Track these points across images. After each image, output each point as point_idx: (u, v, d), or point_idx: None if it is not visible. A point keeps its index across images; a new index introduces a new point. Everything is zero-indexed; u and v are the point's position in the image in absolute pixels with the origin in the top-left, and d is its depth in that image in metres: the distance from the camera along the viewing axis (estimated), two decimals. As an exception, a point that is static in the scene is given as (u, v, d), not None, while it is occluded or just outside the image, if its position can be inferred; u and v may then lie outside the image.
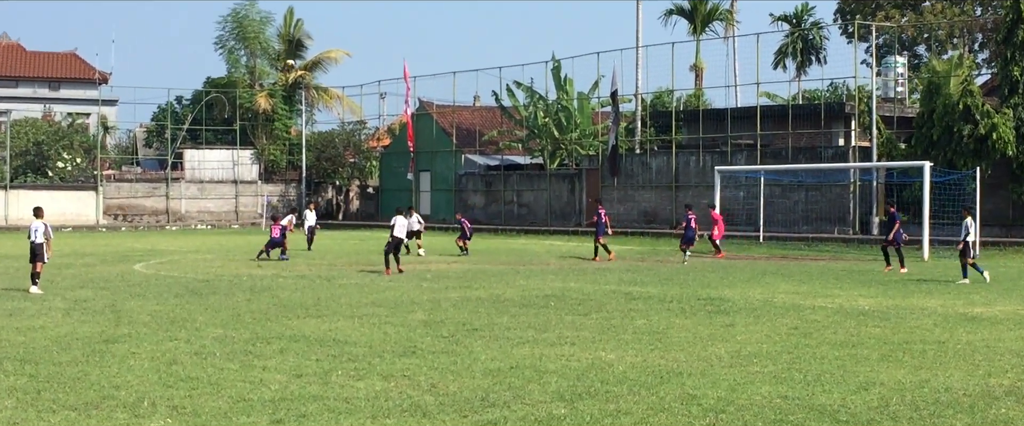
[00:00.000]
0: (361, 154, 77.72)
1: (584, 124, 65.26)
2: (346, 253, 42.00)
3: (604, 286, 27.51)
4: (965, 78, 47.53)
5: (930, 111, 47.71)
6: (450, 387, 13.53)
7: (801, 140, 53.94)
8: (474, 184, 68.38)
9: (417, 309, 21.96)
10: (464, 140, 70.64)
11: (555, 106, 65.71)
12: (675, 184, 57.22)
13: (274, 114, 76.90)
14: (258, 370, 14.71)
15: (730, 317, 20.64)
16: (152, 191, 72.85)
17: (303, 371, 14.63)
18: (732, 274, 31.89)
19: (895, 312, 21.54)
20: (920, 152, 47.31)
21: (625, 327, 19.14)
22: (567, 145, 65.18)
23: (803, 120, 53.97)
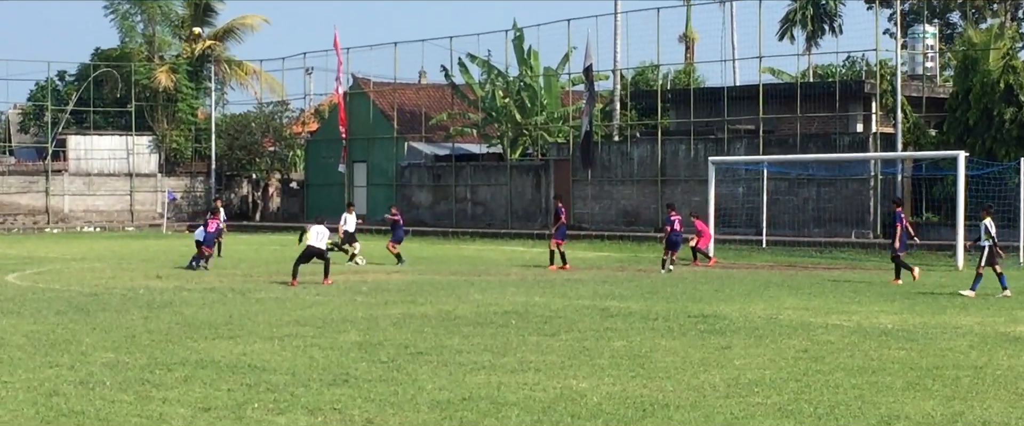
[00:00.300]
0: (283, 141, 77.40)
1: (552, 106, 65.31)
2: (264, 261, 41.86)
3: (576, 300, 27.53)
4: (1007, 51, 47.87)
5: (965, 91, 48.00)
6: (389, 422, 13.52)
7: (812, 125, 54.14)
8: (419, 178, 68.32)
9: (350, 328, 21.91)
10: (407, 125, 70.55)
11: (517, 84, 65.73)
12: (661, 178, 57.35)
13: (177, 93, 76.51)
14: (157, 402, 14.63)
15: (726, 338, 20.69)
16: (28, 186, 72.39)
17: (211, 404, 14.57)
18: (729, 286, 31.98)
19: (923, 332, 21.64)
20: (954, 140, 47.59)
21: (601, 350, 19.16)
22: (531, 131, 65.22)
23: (814, 101, 54.15)
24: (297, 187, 77.82)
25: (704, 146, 55.67)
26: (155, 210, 74.45)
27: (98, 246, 53.10)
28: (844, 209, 51.29)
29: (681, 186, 56.55)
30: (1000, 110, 46.66)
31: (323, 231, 33.51)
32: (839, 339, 20.56)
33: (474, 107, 68.10)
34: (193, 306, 26.08)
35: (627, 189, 58.85)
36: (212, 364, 17.59)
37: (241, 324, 22.62)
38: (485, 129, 67.78)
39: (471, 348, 19.35)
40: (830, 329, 22.00)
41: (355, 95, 72.04)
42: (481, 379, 16.35)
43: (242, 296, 28.65)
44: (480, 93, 67.03)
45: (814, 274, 37.23)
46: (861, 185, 51.23)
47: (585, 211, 59.78)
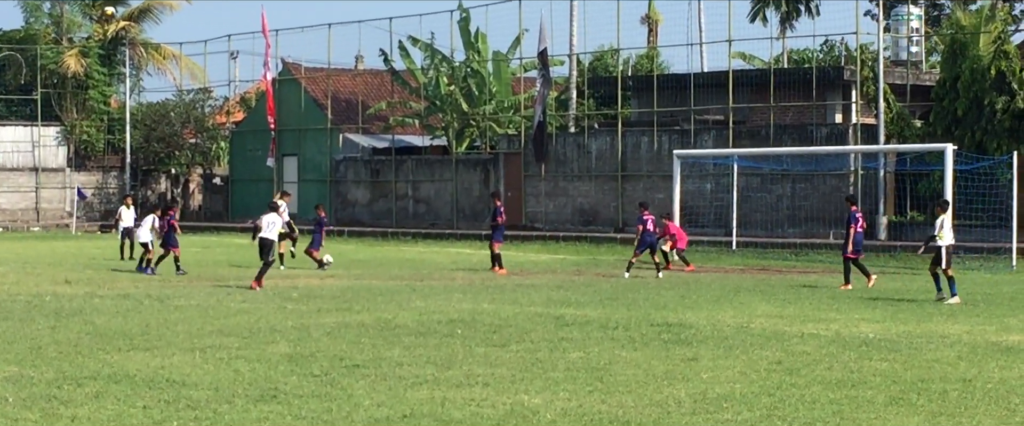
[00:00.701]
0: (205, 133, 77.13)
1: (501, 94, 65.33)
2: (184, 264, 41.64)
3: (528, 308, 27.55)
4: (998, 35, 48.18)
5: (954, 78, 48.27)
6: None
7: (786, 116, 54.35)
8: (356, 173, 68.20)
9: (279, 339, 21.85)
10: (343, 115, 70.44)
11: (463, 70, 65.73)
12: (621, 173, 57.44)
13: (88, 79, 76.09)
14: (65, 421, 14.55)
15: (693, 348, 20.74)
16: (-78, 182, 71.96)
17: (125, 422, 14.49)
18: (696, 292, 32.06)
19: (907, 341, 21.75)
20: (941, 132, 47.86)
21: (555, 362, 19.17)
22: (479, 122, 65.21)
23: (789, 90, 54.36)
24: (221, 183, 77.56)
25: (668, 138, 55.80)
26: (63, 209, 74.06)
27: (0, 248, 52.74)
28: (821, 207, 51.44)
29: (643, 182, 56.67)
30: (991, 99, 46.94)
31: (276, 220, 33.48)
32: (816, 350, 20.63)
33: (416, 95, 68.04)
34: (105, 314, 25.95)
35: (584, 185, 58.93)
36: (126, 378, 17.50)
37: (159, 334, 22.52)
38: (428, 119, 67.72)
39: (412, 360, 19.32)
40: (806, 339, 22.07)
41: (285, 82, 71.87)
42: (423, 394, 16.33)
43: (160, 303, 28.53)
44: (422, 80, 66.96)
45: (789, 279, 37.36)
46: (840, 181, 51.41)
47: (538, 209, 59.84)
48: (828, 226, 50.80)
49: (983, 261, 41.99)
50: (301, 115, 70.86)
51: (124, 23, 78.84)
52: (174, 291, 31.80)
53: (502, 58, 65.73)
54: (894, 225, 50.10)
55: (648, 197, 54.96)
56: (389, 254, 48.20)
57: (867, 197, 50.91)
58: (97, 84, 76.68)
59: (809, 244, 48.37)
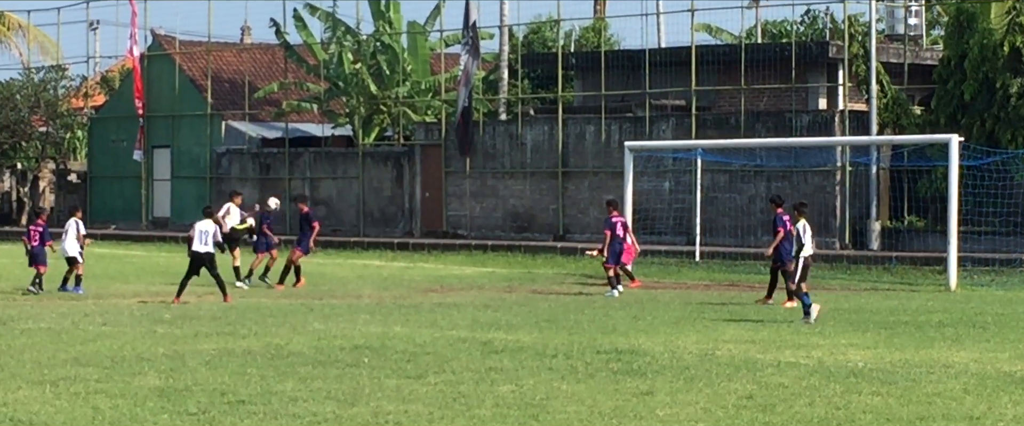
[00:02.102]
0: (58, 120, 76.81)
1: (418, 73, 65.41)
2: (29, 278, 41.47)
3: (448, 331, 27.57)
4: (1013, 5, 48.51)
5: (960, 56, 48.64)
6: (199, 495, 13.46)
7: (760, 100, 54.57)
8: (242, 168, 68.03)
9: (148, 369, 21.78)
10: (226, 98, 70.34)
11: (372, 45, 65.74)
12: (562, 169, 57.53)
13: (-88, 54, 75.85)
14: None
15: (647, 380, 20.79)
16: None
17: (-41, 471, 14.42)
18: (651, 312, 32.15)
19: (904, 371, 21.87)
20: (945, 120, 48.16)
21: (481, 397, 19.18)
22: (391, 107, 65.24)
23: (764, 69, 54.57)
24: (78, 180, 77.26)
25: (619, 127, 55.94)
26: None
27: None
28: (803, 211, 51.66)
29: (589, 180, 56.81)
30: (1004, 81, 47.31)
31: (208, 227, 33.49)
32: (795, 381, 20.72)
33: (314, 75, 68.05)
34: (-64, 340, 25.81)
35: (518, 184, 59.00)
36: (-40, 418, 17.42)
37: (1, 364, 22.40)
38: (329, 104, 67.72)
39: (310, 395, 19.30)
40: (783, 368, 22.16)
41: (156, 58, 71.66)
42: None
43: (2, 326, 28.37)
44: (323, 57, 66.96)
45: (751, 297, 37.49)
46: (824, 179, 51.70)
47: (462, 213, 59.85)
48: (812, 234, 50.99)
49: (994, 275, 42.29)
50: (175, 99, 70.66)
51: (-43, -17, 78.58)
52: (19, 312, 31.65)
53: (419, 30, 65.80)
54: (889, 232, 50.37)
55: (593, 198, 55.26)
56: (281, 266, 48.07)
57: (857, 198, 51.25)
58: (-76, 60, 76.43)
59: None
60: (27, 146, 76.29)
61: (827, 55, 54.03)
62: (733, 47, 57.29)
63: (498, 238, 57.05)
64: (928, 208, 48.94)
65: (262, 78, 70.90)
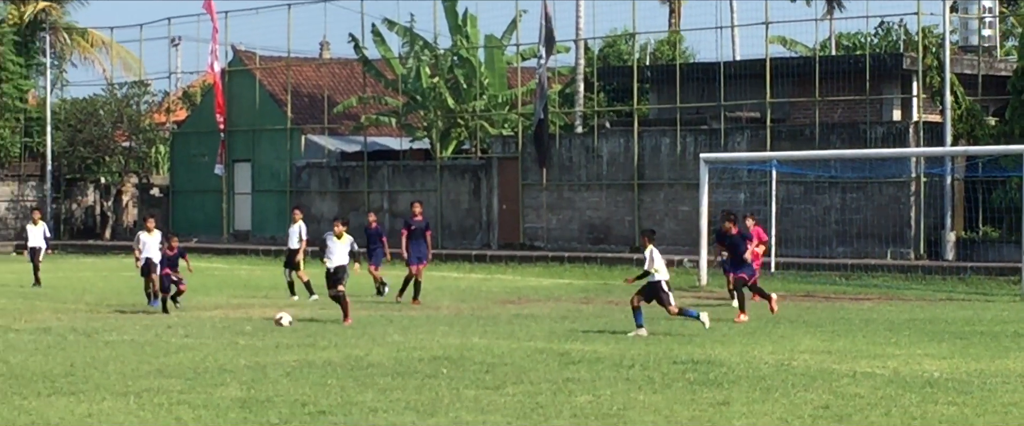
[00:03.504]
0: (141, 135, 77.14)
1: (495, 87, 65.39)
2: (116, 292, 41.67)
3: (526, 342, 27.56)
4: (1087, 15, 48.31)
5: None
6: (281, 505, 13.49)
7: (835, 112, 54.40)
8: (321, 182, 68.15)
9: (230, 381, 21.83)
10: (305, 113, 70.48)
11: (449, 59, 65.77)
12: (638, 181, 57.48)
13: (2, 71, 76.12)
14: (-27, 480, 14.55)
15: (724, 390, 20.73)
16: None
17: (46, 481, 14.50)
18: (727, 322, 32.06)
19: (980, 381, 21.75)
20: (1019, 131, 47.92)
21: (559, 407, 19.16)
22: (468, 120, 65.26)
23: (838, 81, 54.45)
24: (160, 194, 77.43)
25: (694, 139, 55.85)
26: (-28, 226, 74.08)
27: None
28: (877, 222, 51.49)
29: (664, 192, 56.74)
30: (1080, 91, 47.10)
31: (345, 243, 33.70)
32: (870, 392, 20.63)
33: (392, 89, 68.11)
34: (22, 352, 25.93)
35: (594, 196, 58.95)
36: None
37: (86, 375, 22.48)
38: (407, 118, 67.79)
39: (389, 406, 19.31)
40: (859, 379, 22.07)
41: (236, 74, 71.86)
42: (402, 446, 16.35)
43: (86, 338, 28.49)
44: (401, 71, 67.00)
45: (838, 306, 37.35)
46: (899, 190, 51.48)
47: (539, 225, 59.81)
48: (884, 244, 50.84)
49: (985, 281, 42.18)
50: (256, 113, 70.83)
51: (44, 4, 78.86)
52: (104, 324, 31.76)
53: (496, 44, 65.76)
54: (963, 242, 50.14)
55: (669, 210, 55.18)
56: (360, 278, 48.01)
57: (932, 209, 51.02)
58: (11, 77, 76.60)
59: (862, 265, 48.37)
60: (110, 161, 76.60)
61: (901, 66, 53.81)
62: (807, 59, 57.10)
63: (574, 250, 56.99)
64: (1003, 219, 48.70)
65: (341, 92, 71.01)
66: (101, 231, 76.03)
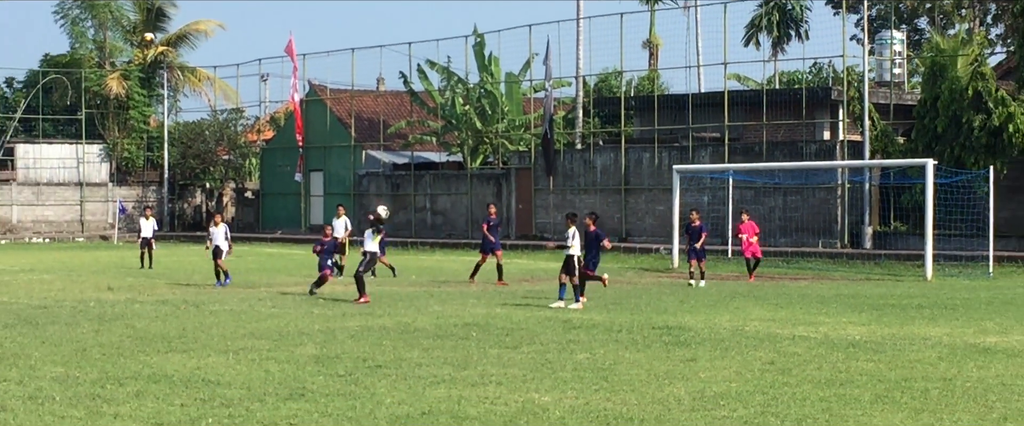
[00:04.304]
0: (237, 150, 77.26)
1: (513, 113, 65.38)
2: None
3: (537, 313, 27.54)
4: (975, 58, 48.13)
5: (934, 98, 48.24)
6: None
7: (778, 133, 54.35)
8: (377, 187, 68.22)
9: (307, 342, 21.84)
10: (365, 133, 70.50)
11: (477, 91, 65.78)
12: (625, 187, 57.43)
13: (129, 100, 76.23)
14: (108, 418, 14.55)
15: (692, 350, 20.72)
16: (-25, 195, 72.07)
17: (164, 419, 14.49)
18: (693, 297, 32.03)
19: (892, 343, 21.72)
20: (922, 148, 47.81)
21: (563, 363, 19.15)
22: (492, 139, 65.26)
23: (781, 109, 54.38)
24: (252, 196, 77.64)
25: (668, 154, 55.81)
26: (106, 221, 74.15)
27: (47, 257, 52.81)
28: (811, 218, 51.46)
29: (645, 195, 56.69)
30: (969, 117, 46.90)
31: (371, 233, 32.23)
32: (806, 351, 20.61)
33: (433, 115, 68.10)
34: (145, 319, 25.96)
35: (590, 198, 58.89)
36: (165, 378, 17.51)
37: (194, 337, 22.52)
38: (445, 137, 67.81)
39: (431, 361, 19.31)
40: (797, 341, 22.05)
41: (311, 102, 71.96)
42: (441, 393, 16.32)
43: (195, 308, 28.54)
44: (440, 100, 67.01)
45: (780, 285, 37.32)
46: (828, 194, 51.39)
47: (547, 221, 59.75)
48: (817, 236, 50.81)
49: (962, 268, 41.93)
50: (326, 133, 70.95)
51: (162, 48, 78.96)
52: (209, 297, 31.82)
53: (514, 80, 65.79)
54: (879, 235, 50.05)
55: (649, 209, 55.14)
56: (409, 262, 48.12)
57: (854, 208, 50.96)
58: (137, 105, 76.76)
59: (800, 252, 48.30)
60: (213, 170, 76.68)
61: (830, 97, 53.70)
62: (757, 91, 57.06)
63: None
64: (909, 216, 48.57)
65: (393, 117, 71.00)
66: (206, 225, 75.96)
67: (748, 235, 40.29)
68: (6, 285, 36.28)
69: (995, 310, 28.29)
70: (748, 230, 40.37)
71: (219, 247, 36.51)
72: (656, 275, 41.04)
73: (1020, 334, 23.26)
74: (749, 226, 40.52)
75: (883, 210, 50.89)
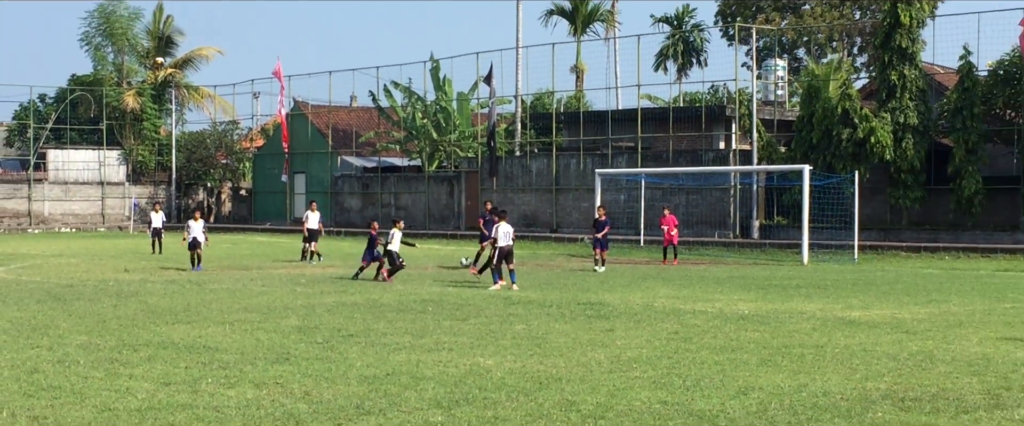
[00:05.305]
0: (233, 155, 76.88)
1: (463, 126, 65.31)
2: (217, 257, 41.53)
3: (483, 291, 27.56)
4: (844, 82, 48.46)
5: (809, 115, 48.54)
6: (324, 394, 13.45)
7: (682, 143, 54.53)
8: (350, 186, 68.03)
9: (290, 315, 21.79)
10: (340, 141, 70.28)
11: (434, 107, 65.67)
12: (555, 187, 57.49)
13: (143, 113, 75.77)
14: (124, 378, 14.48)
15: (610, 322, 20.78)
16: (13, 192, 71.32)
17: (171, 379, 14.43)
18: (612, 279, 32.13)
19: (774, 316, 21.86)
20: (800, 155, 48.11)
21: (504, 332, 19.18)
22: (446, 147, 65.16)
23: (684, 123, 54.56)
24: (245, 194, 77.37)
25: (592, 160, 55.87)
26: (123, 214, 73.64)
27: (73, 244, 52.41)
28: (709, 214, 51.66)
29: (572, 194, 56.75)
30: (838, 131, 47.23)
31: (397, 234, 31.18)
32: (704, 323, 20.71)
33: (397, 126, 67.99)
34: (156, 295, 25.83)
35: (527, 196, 58.92)
36: (172, 345, 17.43)
37: (197, 311, 22.43)
38: (406, 145, 67.66)
39: (394, 331, 19.30)
40: (697, 314, 22.15)
41: (295, 116, 71.65)
42: (402, 357, 16.31)
43: (198, 287, 28.40)
44: (402, 115, 66.90)
45: (684, 269, 37.46)
46: (723, 193, 51.62)
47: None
48: (714, 228, 51.00)
49: (832, 255, 42.23)
50: (308, 141, 70.68)
51: (171, 70, 78.61)
52: (209, 278, 31.67)
53: (464, 98, 65.74)
54: (764, 227, 50.31)
55: (576, 206, 55.23)
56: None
57: (744, 206, 51.19)
58: (149, 117, 76.31)
59: (699, 241, 48.46)
60: (213, 172, 76.24)
61: (725, 114, 53.88)
62: (664, 108, 57.13)
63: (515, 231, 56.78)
64: (790, 212, 48.84)
65: (363, 128, 70.81)
66: (207, 217, 75.60)
67: (669, 227, 40.42)
68: (38, 267, 36.00)
69: (859, 289, 28.53)
70: (669, 222, 40.47)
71: (197, 239, 35.83)
72: (581, 260, 41.13)
73: (879, 309, 23.47)
74: (670, 219, 40.63)
75: (768, 207, 51.16)
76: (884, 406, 12.91)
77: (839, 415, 12.40)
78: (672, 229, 40.33)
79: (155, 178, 75.97)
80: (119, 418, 12.11)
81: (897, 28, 47.03)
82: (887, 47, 47.38)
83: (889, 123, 46.77)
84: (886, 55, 47.36)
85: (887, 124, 46.71)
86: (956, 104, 46.09)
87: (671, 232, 40.25)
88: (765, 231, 50.23)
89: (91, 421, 11.97)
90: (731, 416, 12.31)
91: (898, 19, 46.99)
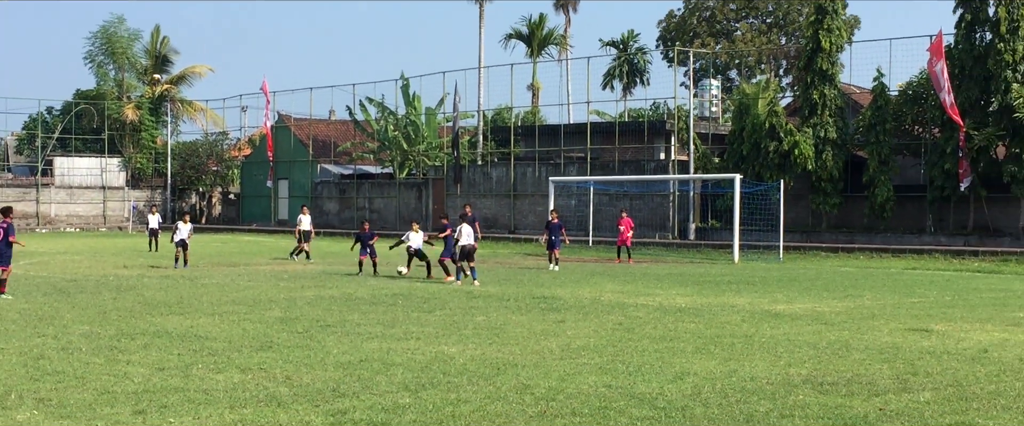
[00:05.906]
0: (223, 163, 76.50)
1: (431, 137, 65.28)
2: (208, 255, 41.28)
3: (448, 286, 27.52)
4: (771, 100, 48.71)
5: (740, 129, 48.77)
6: (304, 379, 13.40)
7: (627, 154, 54.69)
8: (329, 192, 67.82)
9: (274, 307, 21.70)
10: (320, 151, 70.10)
11: (404, 120, 65.58)
12: (513, 193, 57.50)
13: (141, 125, 75.28)
14: (122, 364, 14.38)
15: (561, 314, 20.80)
16: (22, 196, 70.68)
17: (165, 365, 14.35)
18: (563, 275, 32.17)
19: (708, 309, 21.94)
20: (732, 165, 48.32)
21: (466, 323, 19.17)
22: (415, 156, 65.06)
23: (629, 136, 54.72)
24: (234, 198, 77.03)
25: (546, 169, 55.93)
26: (122, 216, 73.16)
27: (77, 243, 51.99)
28: (650, 217, 51.81)
29: (528, 199, 56.78)
30: (766, 144, 47.47)
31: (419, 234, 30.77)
32: (646, 315, 20.77)
33: (371, 138, 67.89)
34: (152, 289, 25.66)
35: (488, 201, 58.89)
36: (166, 334, 17.33)
37: (189, 303, 22.30)
38: (379, 155, 67.55)
39: (367, 322, 19.25)
40: (639, 307, 22.21)
41: (279, 128, 71.39)
42: (374, 345, 16.28)
43: (190, 282, 28.24)
44: (376, 127, 66.82)
45: (627, 267, 37.52)
46: (663, 199, 51.79)
47: (455, 218, 59.57)
48: (655, 230, 51.15)
49: (760, 255, 42.44)
50: (291, 151, 70.43)
51: (167, 86, 78.22)
52: (201, 274, 31.48)
53: (432, 113, 65.75)
54: (700, 229, 50.52)
55: (531, 210, 55.22)
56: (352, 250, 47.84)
57: (681, 210, 51.36)
58: (147, 128, 75.86)
59: (642, 242, 48.52)
60: (205, 178, 75.85)
61: (665, 128, 54.06)
62: (611, 123, 57.35)
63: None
64: (722, 216, 49.09)
65: (341, 139, 70.72)
66: (199, 219, 75.24)
67: (625, 229, 40.20)
68: (45, 264, 35.69)
69: (783, 285, 28.67)
70: (625, 225, 40.28)
71: (185, 240, 35.36)
72: (535, 259, 41.11)
73: (801, 303, 23.59)
74: (626, 222, 40.47)
75: (703, 211, 51.39)
76: (805, 389, 12.98)
77: (765, 398, 12.46)
78: (627, 231, 40.10)
79: (152, 183, 75.50)
80: (117, 400, 12.04)
81: (818, 52, 47.34)
82: (810, 69, 47.67)
83: (811, 137, 47.04)
84: (809, 76, 47.67)
85: (809, 138, 46.98)
86: (870, 120, 46.40)
87: (626, 233, 40.04)
88: (700, 233, 50.44)
89: (92, 403, 11.89)
90: (669, 398, 12.34)
91: (819, 44, 47.30)
